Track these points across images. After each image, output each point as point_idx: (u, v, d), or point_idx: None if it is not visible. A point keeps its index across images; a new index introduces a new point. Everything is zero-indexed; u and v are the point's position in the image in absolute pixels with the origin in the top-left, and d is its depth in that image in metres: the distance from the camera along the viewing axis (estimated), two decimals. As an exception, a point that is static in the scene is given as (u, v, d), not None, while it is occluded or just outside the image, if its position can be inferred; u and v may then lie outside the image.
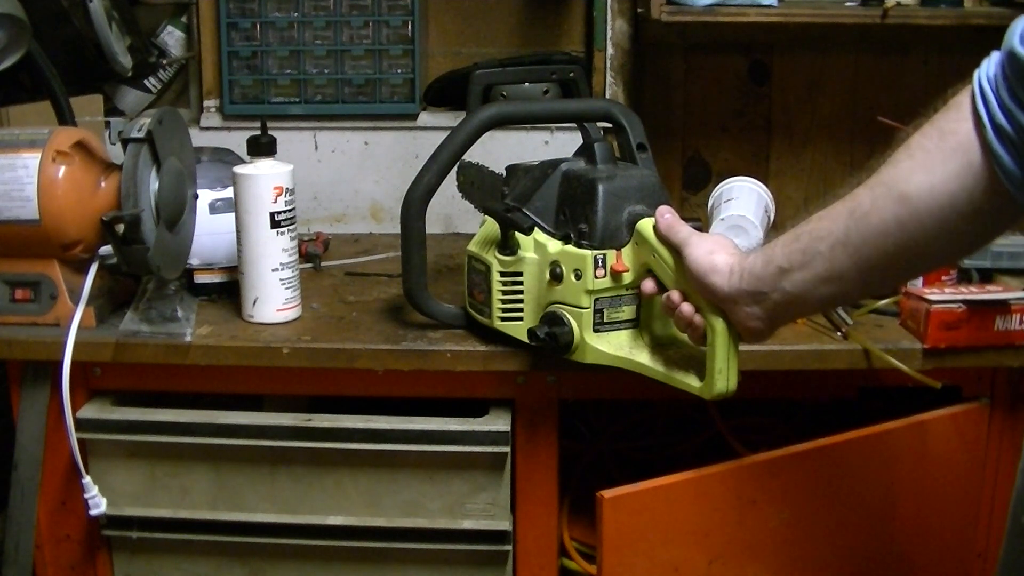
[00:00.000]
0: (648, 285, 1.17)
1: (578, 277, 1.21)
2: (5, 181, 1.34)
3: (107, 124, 1.86)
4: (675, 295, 1.13)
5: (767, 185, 1.63)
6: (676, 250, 1.12)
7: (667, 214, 1.15)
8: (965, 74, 0.92)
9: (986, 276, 1.51)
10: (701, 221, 1.64)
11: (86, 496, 1.36)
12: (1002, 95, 0.84)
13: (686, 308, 1.12)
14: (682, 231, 1.12)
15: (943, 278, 1.45)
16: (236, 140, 1.66)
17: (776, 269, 1.01)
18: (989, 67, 0.86)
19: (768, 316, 1.05)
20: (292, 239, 1.40)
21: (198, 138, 1.75)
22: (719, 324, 1.09)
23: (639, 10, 1.81)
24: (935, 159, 0.88)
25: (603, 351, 1.22)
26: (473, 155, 1.37)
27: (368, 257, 1.75)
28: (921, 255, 0.94)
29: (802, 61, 1.95)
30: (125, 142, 1.31)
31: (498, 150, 1.69)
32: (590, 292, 1.20)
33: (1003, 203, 0.87)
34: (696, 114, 1.98)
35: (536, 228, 1.25)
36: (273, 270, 1.39)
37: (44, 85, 1.58)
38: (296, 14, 1.87)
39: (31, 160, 1.34)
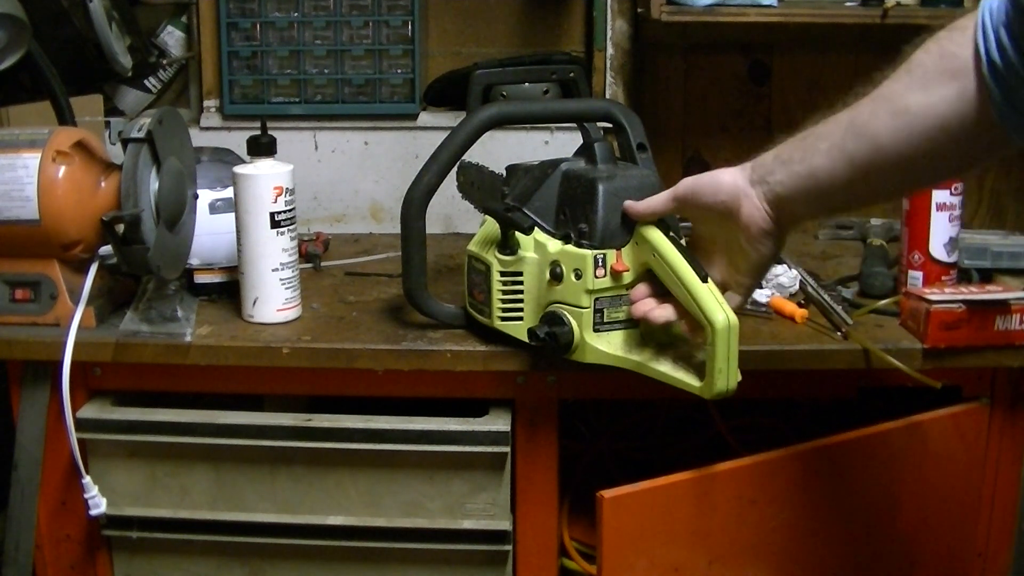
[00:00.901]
0: (640, 290, 1.17)
1: (578, 277, 1.21)
2: (5, 181, 1.34)
3: (107, 124, 1.86)
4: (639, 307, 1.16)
5: (767, 185, 1.63)
6: (671, 201, 1.14)
7: (633, 202, 1.17)
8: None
9: (986, 276, 1.51)
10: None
11: (86, 496, 1.36)
12: (1000, 32, 0.86)
13: (641, 292, 1.16)
14: (663, 193, 1.16)
15: (943, 278, 1.45)
16: (236, 140, 1.66)
17: (780, 161, 1.06)
18: (995, 2, 0.88)
19: (775, 211, 1.07)
20: (292, 239, 1.40)
21: (198, 138, 1.75)
22: (719, 323, 1.09)
23: (639, 10, 1.81)
24: (932, 79, 0.92)
25: (603, 351, 1.22)
26: (473, 155, 1.37)
27: (368, 257, 1.75)
28: (909, 171, 0.98)
29: (802, 61, 1.95)
30: (125, 142, 1.31)
31: (498, 150, 1.68)
32: (590, 292, 1.20)
33: (991, 133, 0.90)
34: (696, 114, 1.98)
35: (536, 228, 1.25)
36: (273, 270, 1.39)
37: (44, 85, 1.58)
38: (296, 14, 1.87)
39: (31, 160, 1.34)
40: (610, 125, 1.35)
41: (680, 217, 1.22)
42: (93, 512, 1.36)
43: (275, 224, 1.37)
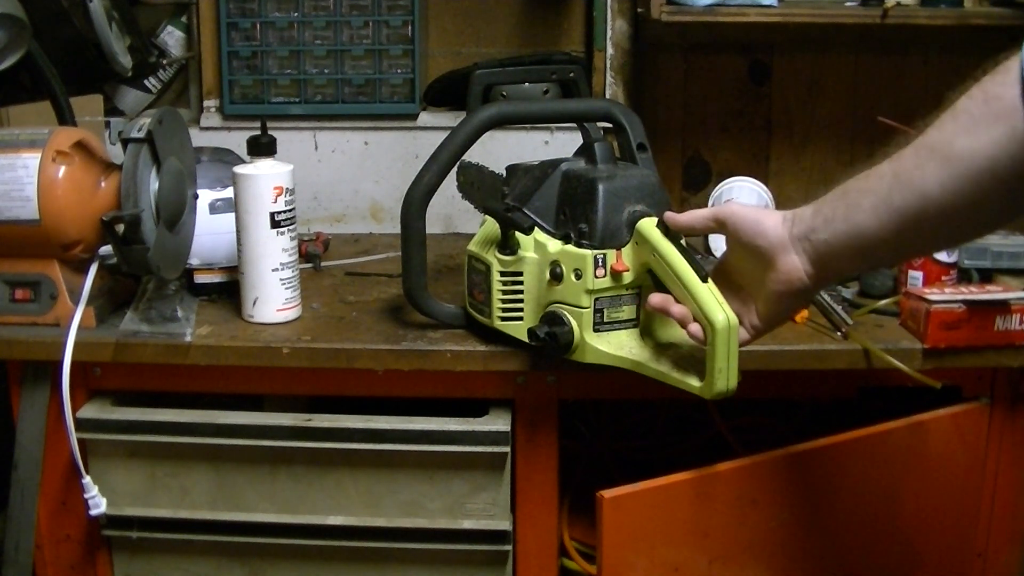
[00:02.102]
0: (656, 299, 1.16)
1: (578, 277, 1.21)
2: (5, 181, 1.34)
3: (107, 124, 1.86)
4: (656, 298, 1.14)
5: (767, 185, 1.63)
6: (713, 221, 1.12)
7: (673, 214, 1.16)
8: (965, 74, 0.92)
9: (986, 276, 1.51)
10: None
11: (86, 496, 1.36)
12: None
13: (677, 309, 1.13)
14: (704, 210, 1.14)
15: (943, 278, 1.45)
16: (236, 140, 1.66)
17: (823, 219, 1.03)
18: None
19: (813, 268, 1.05)
20: (292, 239, 1.40)
21: (198, 138, 1.75)
22: (719, 323, 1.09)
23: (639, 10, 1.81)
24: (979, 123, 0.89)
25: (603, 351, 1.22)
26: (473, 155, 1.37)
27: (368, 257, 1.75)
28: (960, 220, 0.95)
29: (802, 61, 1.95)
30: (125, 142, 1.31)
31: (498, 150, 1.69)
32: (590, 292, 1.20)
33: None
34: (696, 114, 1.98)
35: (536, 228, 1.25)
36: (273, 270, 1.39)
37: (44, 85, 1.58)
38: (296, 14, 1.87)
39: (31, 160, 1.34)
40: (610, 125, 1.35)
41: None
42: (93, 512, 1.36)
43: (275, 224, 1.38)
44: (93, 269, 1.37)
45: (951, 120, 0.92)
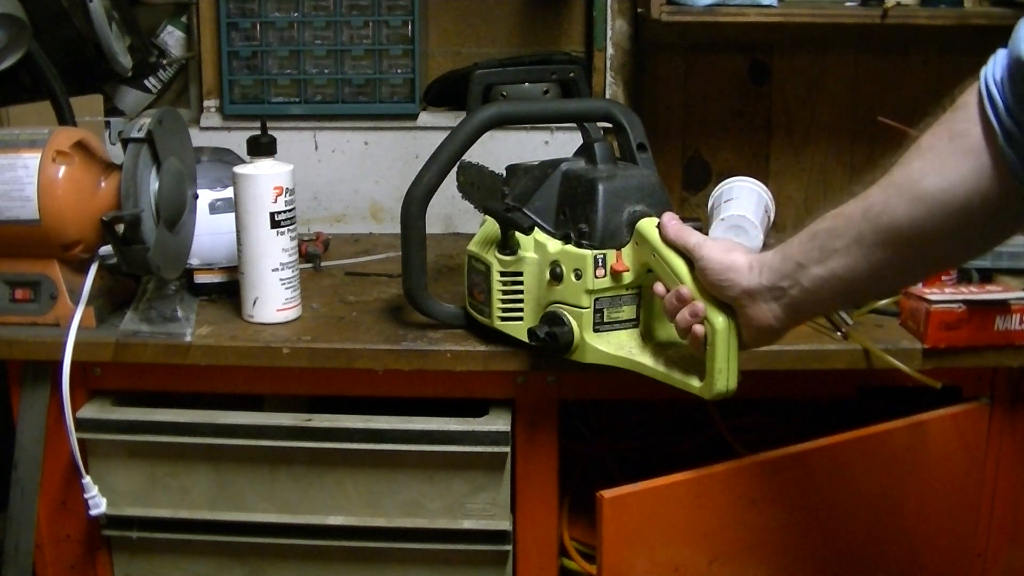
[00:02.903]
0: (660, 288, 1.16)
1: (578, 277, 1.21)
2: (5, 181, 1.34)
3: (107, 124, 1.86)
4: (684, 290, 1.12)
5: (767, 185, 1.63)
6: (688, 253, 1.12)
7: (673, 220, 1.15)
8: (965, 74, 0.92)
9: (986, 276, 1.51)
10: (701, 221, 1.64)
11: (86, 496, 1.36)
12: (1009, 100, 0.84)
13: (685, 315, 1.12)
14: (693, 235, 1.12)
15: (943, 278, 1.45)
16: (236, 140, 1.66)
17: (794, 265, 1.02)
18: (995, 68, 0.86)
19: (784, 313, 1.05)
20: (292, 239, 1.40)
21: (198, 138, 1.75)
22: (719, 323, 1.09)
23: (639, 10, 1.81)
24: (947, 161, 0.89)
25: (603, 351, 1.22)
26: (473, 155, 1.37)
27: (368, 257, 1.75)
28: (934, 255, 0.95)
29: (802, 61, 1.95)
30: (125, 142, 1.31)
31: (498, 150, 1.69)
32: (590, 292, 1.20)
33: (1016, 203, 0.87)
34: (696, 114, 1.98)
35: (536, 228, 1.25)
36: (273, 270, 1.39)
37: (44, 85, 1.58)
38: (296, 14, 1.87)
39: (31, 160, 1.34)
40: (610, 125, 1.35)
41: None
42: (93, 512, 1.36)
43: (275, 224, 1.38)
44: (93, 269, 1.37)
45: (917, 157, 0.91)
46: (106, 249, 1.36)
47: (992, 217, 0.89)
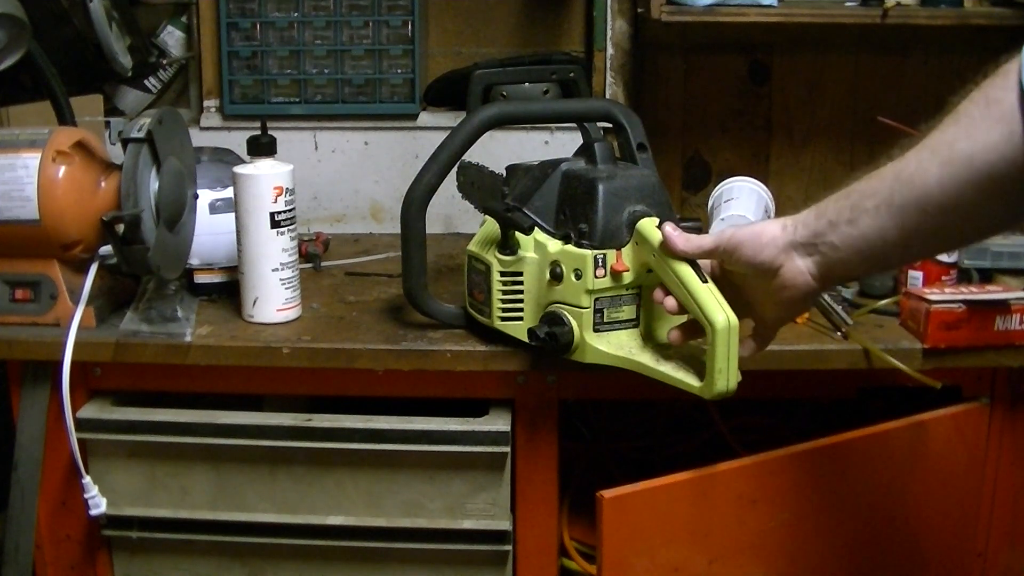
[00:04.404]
0: (660, 294, 1.16)
1: (578, 277, 1.20)
2: (5, 181, 1.34)
3: (107, 124, 1.86)
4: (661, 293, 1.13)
5: (767, 185, 1.63)
6: (713, 252, 1.11)
7: (676, 232, 1.13)
8: (965, 74, 0.93)
9: (986, 276, 1.51)
10: (701, 221, 1.64)
11: (86, 496, 1.36)
12: None
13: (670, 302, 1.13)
14: (705, 236, 1.13)
15: (943, 278, 1.45)
16: (236, 140, 1.66)
17: (826, 222, 1.03)
18: None
19: (818, 271, 1.05)
20: (292, 239, 1.40)
21: (198, 138, 1.75)
22: (720, 323, 1.09)
23: (639, 10, 1.81)
24: (979, 126, 0.90)
25: (603, 351, 1.22)
26: (473, 155, 1.37)
27: (368, 257, 1.75)
28: (961, 223, 0.96)
29: (802, 61, 1.95)
30: (125, 142, 1.31)
31: (498, 150, 1.69)
32: (590, 292, 1.20)
33: None
34: (696, 114, 1.98)
35: (536, 228, 1.25)
36: (273, 270, 1.39)
37: (44, 85, 1.58)
38: (296, 14, 1.87)
39: (31, 160, 1.34)
40: (610, 125, 1.35)
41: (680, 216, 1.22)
42: (93, 512, 1.36)
43: (275, 224, 1.38)
44: (93, 269, 1.37)
45: (952, 123, 0.92)
46: (106, 249, 1.36)
47: (1017, 187, 0.90)
